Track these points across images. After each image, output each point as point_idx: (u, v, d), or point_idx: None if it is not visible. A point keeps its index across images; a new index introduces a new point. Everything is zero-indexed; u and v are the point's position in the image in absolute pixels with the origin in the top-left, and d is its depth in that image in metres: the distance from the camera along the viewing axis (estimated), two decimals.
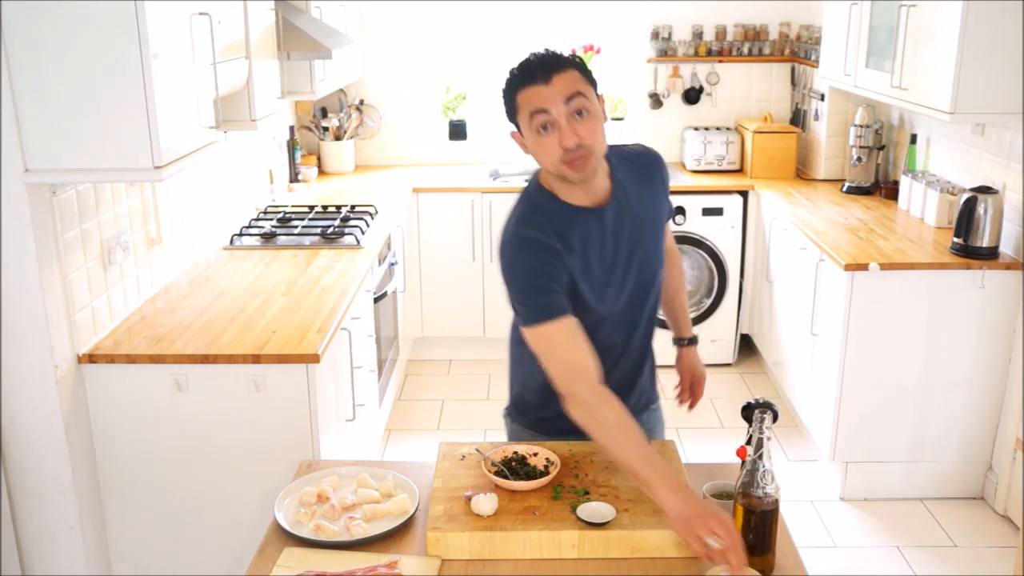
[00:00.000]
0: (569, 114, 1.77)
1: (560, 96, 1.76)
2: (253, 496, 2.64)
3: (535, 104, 1.78)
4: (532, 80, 1.78)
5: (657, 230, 2.01)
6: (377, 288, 3.74)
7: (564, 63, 1.79)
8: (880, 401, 3.58)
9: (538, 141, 1.81)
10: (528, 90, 1.79)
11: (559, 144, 1.78)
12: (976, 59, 3.22)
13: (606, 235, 1.90)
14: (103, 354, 2.57)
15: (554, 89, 1.77)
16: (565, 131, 1.77)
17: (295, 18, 3.60)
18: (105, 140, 2.21)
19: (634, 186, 1.95)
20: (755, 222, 4.77)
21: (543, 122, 1.78)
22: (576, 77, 1.79)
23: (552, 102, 1.77)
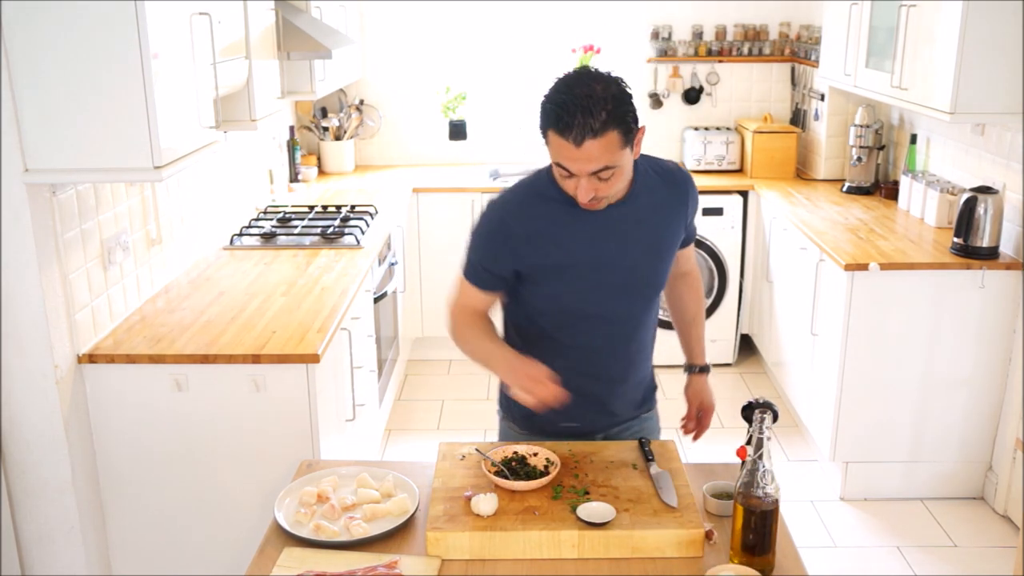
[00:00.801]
0: (592, 176, 1.76)
1: (587, 166, 1.74)
2: (253, 496, 2.64)
3: (560, 158, 1.76)
4: (564, 135, 1.71)
5: (661, 247, 1.99)
6: (377, 288, 3.74)
7: (605, 127, 1.69)
8: (880, 401, 3.58)
9: (556, 171, 1.82)
10: (558, 139, 1.73)
11: (574, 191, 1.81)
12: (976, 59, 3.22)
13: (595, 232, 1.90)
14: (103, 354, 2.57)
15: (583, 155, 1.72)
16: (583, 190, 1.78)
17: (295, 18, 3.60)
18: (105, 140, 2.21)
19: (653, 197, 1.95)
20: (755, 222, 4.77)
21: (566, 173, 1.79)
22: (612, 142, 1.71)
23: (578, 167, 1.75)
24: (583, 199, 1.80)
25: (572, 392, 1.87)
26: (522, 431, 2.12)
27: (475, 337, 1.98)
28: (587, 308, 1.96)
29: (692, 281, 2.24)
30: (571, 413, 1.97)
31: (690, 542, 1.70)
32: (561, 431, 2.05)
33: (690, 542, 1.70)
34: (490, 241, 1.93)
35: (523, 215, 1.91)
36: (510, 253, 1.91)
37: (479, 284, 1.97)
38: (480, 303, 2.00)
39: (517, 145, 5.33)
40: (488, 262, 1.94)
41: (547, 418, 1.96)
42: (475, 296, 1.99)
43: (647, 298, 2.03)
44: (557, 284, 1.93)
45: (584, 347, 1.99)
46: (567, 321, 1.98)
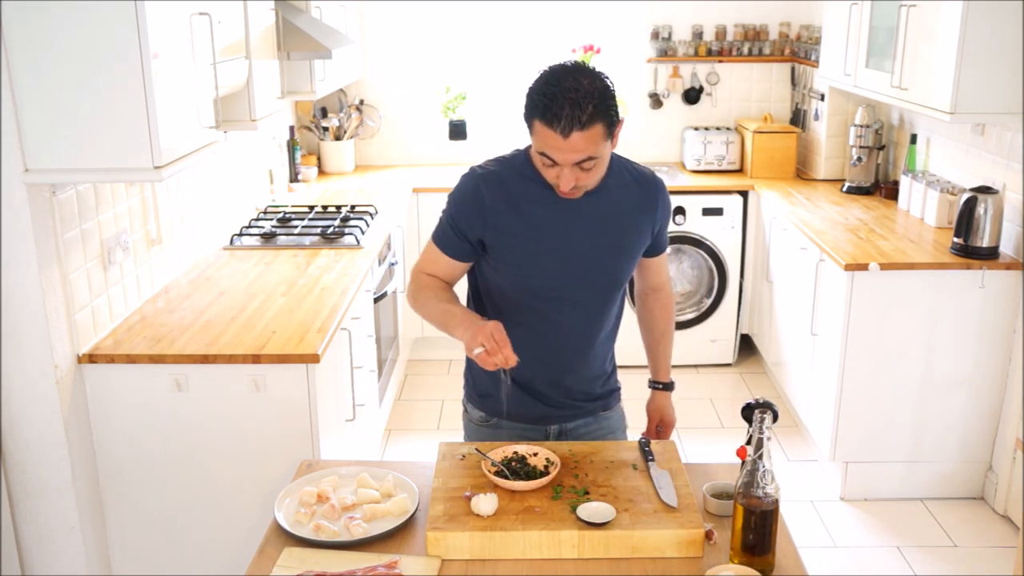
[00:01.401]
0: (575, 166, 1.82)
1: (572, 156, 1.79)
2: (253, 496, 2.64)
3: (547, 150, 1.81)
4: (551, 125, 1.76)
5: (625, 244, 2.03)
6: (377, 288, 3.74)
7: (592, 119, 1.75)
8: (880, 401, 3.58)
9: (538, 161, 1.87)
10: (545, 130, 1.78)
11: (556, 179, 1.86)
12: (976, 59, 3.22)
13: (564, 217, 1.94)
14: (103, 354, 2.57)
15: (569, 146, 1.77)
16: (565, 178, 1.84)
17: (295, 18, 3.60)
18: (105, 140, 2.21)
19: (623, 194, 2.00)
20: (755, 222, 4.77)
21: (550, 162, 1.83)
22: (596, 134, 1.77)
23: (563, 157, 1.80)
24: (565, 188, 1.85)
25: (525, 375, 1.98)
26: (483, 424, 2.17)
27: (434, 297, 2.01)
28: (546, 290, 2.00)
29: (663, 297, 2.25)
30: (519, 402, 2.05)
31: (690, 542, 1.70)
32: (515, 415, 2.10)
33: (690, 542, 1.70)
34: (463, 207, 1.98)
35: (498, 188, 1.96)
36: (481, 222, 1.96)
37: (446, 248, 2.02)
38: (445, 269, 2.04)
39: (517, 145, 5.32)
40: (459, 227, 1.99)
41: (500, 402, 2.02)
42: (441, 261, 2.04)
43: (606, 292, 2.05)
44: (520, 261, 1.97)
45: (539, 330, 2.02)
46: (525, 301, 2.01)
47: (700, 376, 4.73)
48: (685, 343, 4.80)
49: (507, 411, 2.06)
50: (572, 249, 1.97)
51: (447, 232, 2.02)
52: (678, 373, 2.26)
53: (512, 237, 1.96)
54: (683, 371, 4.75)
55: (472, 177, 2.00)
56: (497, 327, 1.83)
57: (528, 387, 2.09)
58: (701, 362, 4.84)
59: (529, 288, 2.00)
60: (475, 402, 2.20)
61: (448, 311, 1.96)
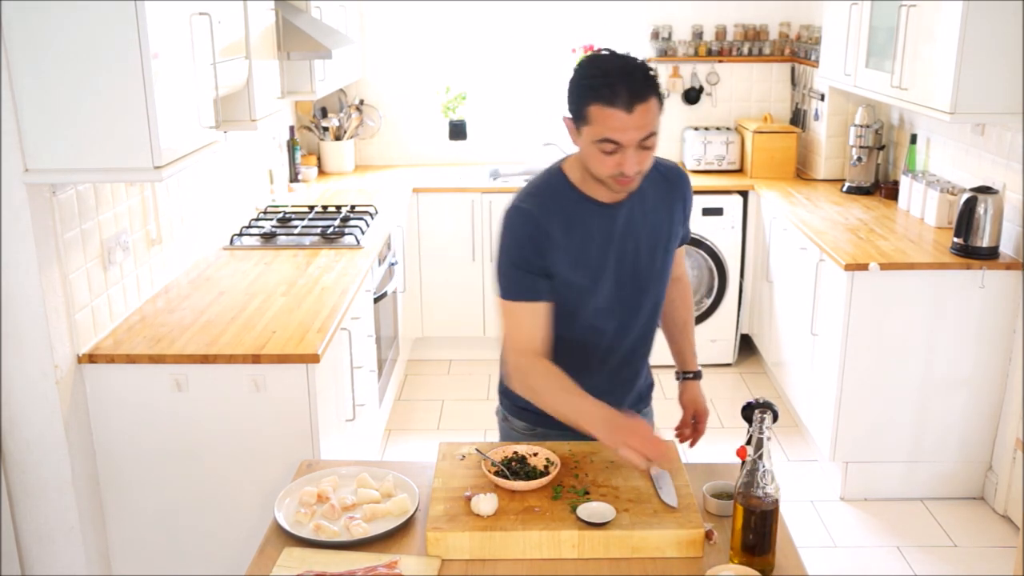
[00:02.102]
0: (638, 147, 1.76)
1: (638, 133, 1.73)
2: (253, 496, 2.64)
3: (610, 132, 1.73)
4: (613, 103, 1.70)
5: (660, 243, 2.00)
6: (377, 288, 3.74)
7: (648, 91, 1.71)
8: (880, 401, 3.58)
9: (596, 154, 1.78)
10: (606, 111, 1.71)
11: (618, 167, 1.77)
12: (976, 59, 3.22)
13: (613, 231, 1.91)
14: (103, 354, 2.57)
15: (633, 122, 1.71)
16: (630, 161, 1.76)
17: (295, 18, 3.60)
18: (105, 140, 2.21)
19: (656, 191, 1.97)
20: (755, 222, 4.77)
21: (610, 149, 1.75)
22: (654, 109, 1.73)
23: (628, 136, 1.73)
24: (630, 171, 1.76)
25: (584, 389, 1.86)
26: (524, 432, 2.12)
27: (554, 389, 1.85)
28: (607, 302, 1.96)
29: (683, 287, 2.23)
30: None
31: (690, 542, 1.70)
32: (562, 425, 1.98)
33: (690, 542, 1.70)
34: (527, 244, 1.86)
35: (549, 213, 1.87)
36: (549, 249, 1.86)
37: (528, 296, 1.87)
38: (539, 325, 1.89)
39: (517, 145, 5.33)
40: (532, 265, 1.86)
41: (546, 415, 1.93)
42: (528, 316, 1.88)
43: (657, 292, 2.04)
44: (582, 280, 1.91)
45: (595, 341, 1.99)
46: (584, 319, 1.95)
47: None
48: None
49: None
50: (624, 256, 1.93)
51: (522, 279, 1.87)
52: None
53: (574, 258, 1.88)
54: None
55: (521, 212, 1.88)
56: (642, 425, 1.75)
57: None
58: (701, 362, 4.74)
59: (590, 305, 1.94)
60: (515, 413, 2.13)
61: (578, 408, 1.81)
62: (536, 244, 1.86)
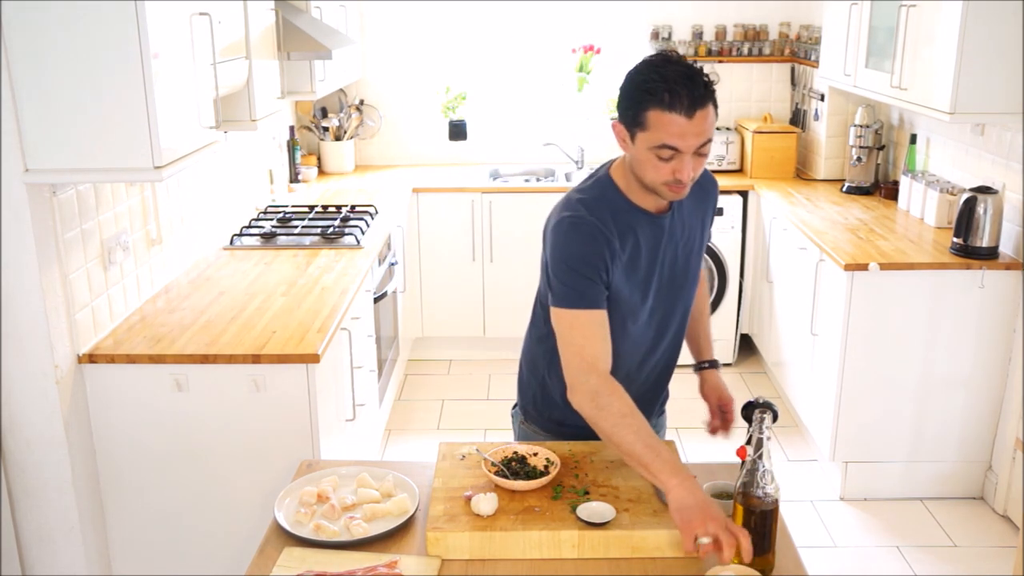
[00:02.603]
0: (695, 153, 1.75)
1: (697, 139, 1.73)
2: (253, 496, 2.64)
3: (670, 138, 1.71)
4: (675, 108, 1.69)
5: (694, 250, 2.02)
6: (377, 288, 3.74)
7: (707, 97, 1.72)
8: (880, 401, 3.58)
9: (650, 160, 1.76)
10: (666, 116, 1.70)
11: (674, 174, 1.76)
12: (976, 59, 3.22)
13: (660, 241, 1.92)
14: (103, 354, 2.57)
15: (693, 128, 1.71)
16: (687, 168, 1.75)
17: (295, 18, 3.60)
18: (105, 140, 2.21)
19: (689, 202, 1.97)
20: (755, 222, 4.77)
21: (668, 156, 1.74)
22: (712, 115, 1.74)
23: (687, 143, 1.72)
24: (686, 177, 1.76)
25: None
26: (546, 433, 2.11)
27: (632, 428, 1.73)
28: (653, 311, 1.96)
29: (700, 283, 2.22)
30: None
31: None
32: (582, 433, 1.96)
33: None
34: (590, 247, 1.81)
35: (608, 223, 1.84)
36: (610, 254, 1.83)
37: (594, 304, 1.82)
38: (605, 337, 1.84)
39: (517, 145, 5.34)
40: (599, 272, 1.82)
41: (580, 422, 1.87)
42: (599, 327, 1.82)
43: (687, 298, 2.06)
44: (634, 289, 1.90)
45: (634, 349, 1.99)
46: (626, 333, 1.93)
47: None
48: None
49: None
50: (664, 266, 1.94)
51: (589, 288, 1.81)
52: (678, 373, 2.24)
53: (627, 269, 1.88)
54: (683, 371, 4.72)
55: (583, 220, 1.83)
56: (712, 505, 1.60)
57: None
58: None
59: (639, 318, 1.94)
60: (542, 425, 2.11)
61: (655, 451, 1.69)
62: (602, 254, 1.81)
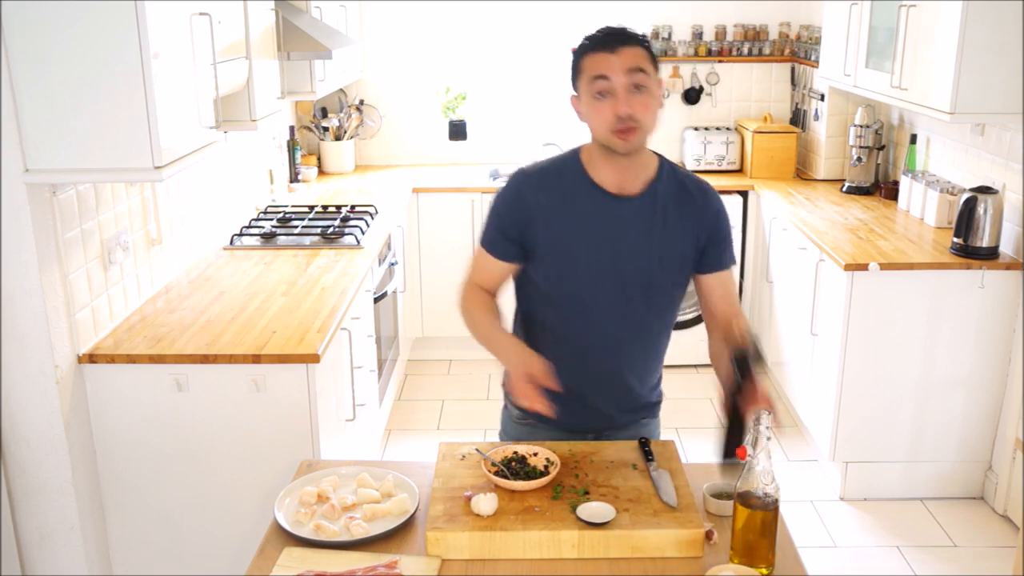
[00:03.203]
0: (627, 86, 1.84)
1: (622, 66, 1.84)
2: (253, 496, 2.64)
3: (598, 70, 1.85)
4: (600, 47, 1.86)
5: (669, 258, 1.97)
6: (377, 288, 3.75)
7: (633, 39, 1.88)
8: (880, 401, 3.58)
9: (593, 106, 1.87)
10: (594, 56, 1.87)
11: (613, 111, 1.84)
12: (976, 59, 3.22)
13: (613, 224, 1.93)
14: (103, 354, 2.57)
15: (618, 58, 1.84)
16: (621, 100, 1.84)
17: (295, 18, 3.60)
18: (105, 140, 2.21)
19: (668, 202, 1.95)
20: (755, 222, 4.77)
21: (601, 88, 1.85)
22: (641, 55, 1.86)
23: (614, 70, 1.84)
24: (622, 111, 1.83)
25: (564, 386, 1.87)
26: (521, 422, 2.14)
27: (481, 317, 2.02)
28: (588, 299, 1.97)
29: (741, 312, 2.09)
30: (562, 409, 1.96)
31: (690, 542, 1.70)
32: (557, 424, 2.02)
33: (690, 542, 1.70)
34: (506, 206, 2.00)
35: (542, 183, 1.97)
36: (525, 219, 1.96)
37: (493, 250, 2.01)
38: (493, 274, 2.04)
39: (517, 145, 5.33)
40: (504, 227, 1.99)
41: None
42: (489, 266, 2.03)
43: (649, 305, 2.01)
44: (561, 265, 1.95)
45: (577, 338, 2.01)
46: (567, 311, 1.99)
47: (700, 376, 4.73)
48: (685, 343, 4.78)
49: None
50: (611, 251, 1.93)
51: (493, 235, 2.02)
52: (678, 373, 2.25)
53: (558, 235, 1.93)
54: (683, 371, 4.74)
55: (516, 176, 2.01)
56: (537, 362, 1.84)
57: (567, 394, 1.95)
58: (701, 362, 4.83)
59: (568, 291, 1.97)
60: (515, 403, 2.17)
61: (493, 339, 1.98)
62: (516, 210, 1.97)
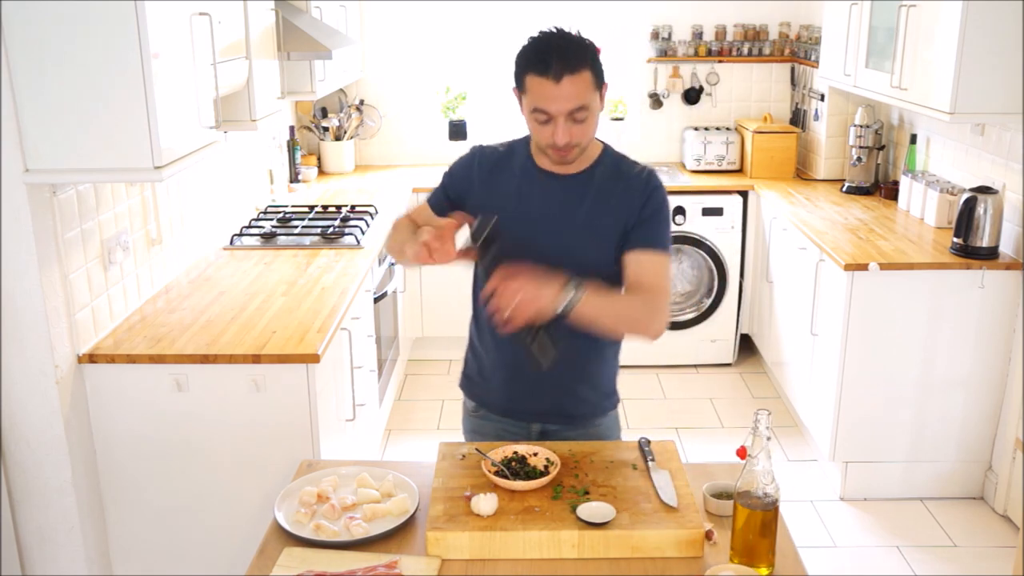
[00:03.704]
0: (568, 117, 1.84)
1: (566, 104, 1.82)
2: (253, 496, 2.64)
3: (539, 101, 1.84)
4: (544, 72, 1.81)
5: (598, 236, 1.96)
6: (377, 288, 3.75)
7: (579, 63, 1.81)
8: (880, 401, 3.58)
9: (532, 122, 1.90)
10: (537, 80, 1.82)
11: (552, 136, 1.87)
12: (976, 59, 3.22)
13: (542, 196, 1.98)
14: (103, 354, 2.57)
15: (562, 93, 1.80)
16: (560, 131, 1.87)
17: (295, 18, 3.60)
18: (105, 140, 2.21)
19: (604, 185, 1.98)
20: (755, 222, 4.77)
21: (541, 119, 1.86)
22: (586, 81, 1.82)
23: (556, 106, 1.82)
24: (560, 141, 1.85)
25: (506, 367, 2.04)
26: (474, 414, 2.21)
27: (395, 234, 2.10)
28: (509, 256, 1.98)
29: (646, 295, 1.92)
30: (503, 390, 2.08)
31: (690, 542, 1.70)
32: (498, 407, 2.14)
33: (690, 542, 1.70)
34: (456, 172, 2.09)
35: (488, 161, 2.05)
36: (466, 188, 2.05)
37: (433, 205, 2.11)
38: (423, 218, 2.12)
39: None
40: (447, 188, 2.09)
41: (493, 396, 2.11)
42: (424, 211, 2.13)
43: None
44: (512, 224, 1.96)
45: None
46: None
47: (700, 376, 4.73)
48: (685, 343, 4.80)
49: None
50: (545, 230, 1.97)
51: (439, 193, 2.12)
52: (678, 373, 2.25)
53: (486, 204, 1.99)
54: (683, 371, 4.75)
55: (473, 149, 2.10)
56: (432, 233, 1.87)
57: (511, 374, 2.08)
58: (701, 362, 4.84)
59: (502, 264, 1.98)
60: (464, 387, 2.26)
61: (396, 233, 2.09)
62: (462, 177, 2.07)
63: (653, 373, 4.71)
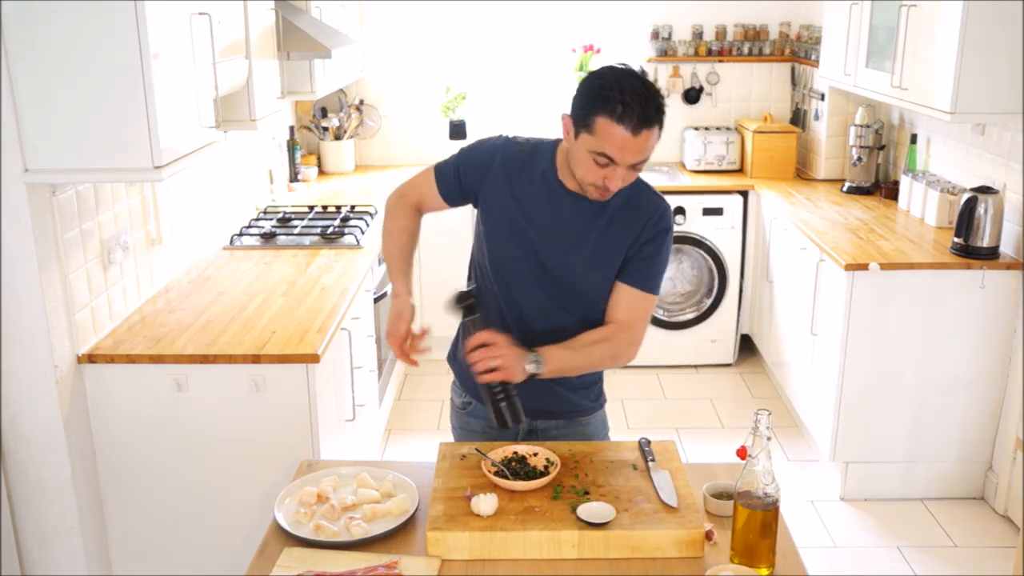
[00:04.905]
0: (629, 167, 1.82)
1: (635, 156, 1.80)
2: (253, 496, 2.64)
3: (608, 147, 1.78)
4: (624, 122, 1.75)
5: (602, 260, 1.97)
6: (377, 288, 3.75)
7: (656, 119, 1.78)
8: (880, 401, 3.58)
9: (586, 161, 1.83)
10: (612, 125, 1.76)
11: (603, 180, 1.84)
12: (976, 59, 3.22)
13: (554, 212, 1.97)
14: (103, 354, 2.57)
15: (636, 145, 1.77)
16: (617, 178, 1.84)
17: (295, 18, 3.60)
18: (105, 140, 2.21)
19: (619, 209, 1.97)
20: (755, 222, 4.77)
21: (603, 162, 1.81)
22: (655, 136, 1.80)
23: (626, 157, 1.79)
24: (614, 187, 1.85)
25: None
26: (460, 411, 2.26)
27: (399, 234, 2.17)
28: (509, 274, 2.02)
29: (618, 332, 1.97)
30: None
31: (690, 542, 1.70)
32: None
33: (690, 542, 1.70)
34: (474, 160, 2.05)
35: (512, 159, 2.01)
36: (480, 180, 2.02)
37: (440, 180, 2.09)
38: (428, 199, 2.14)
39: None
40: (461, 173, 2.06)
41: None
42: (429, 190, 2.12)
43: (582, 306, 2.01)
44: (503, 239, 2.01)
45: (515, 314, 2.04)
46: (505, 282, 2.04)
47: (700, 376, 4.73)
48: (685, 343, 4.80)
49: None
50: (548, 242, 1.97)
51: (450, 171, 2.08)
52: (678, 373, 2.25)
53: (496, 201, 2.00)
54: (683, 371, 4.75)
55: (498, 142, 2.05)
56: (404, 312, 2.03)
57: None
58: (701, 362, 4.84)
59: (508, 268, 2.02)
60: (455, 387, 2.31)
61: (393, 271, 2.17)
62: (481, 165, 2.02)
63: (653, 373, 4.72)
